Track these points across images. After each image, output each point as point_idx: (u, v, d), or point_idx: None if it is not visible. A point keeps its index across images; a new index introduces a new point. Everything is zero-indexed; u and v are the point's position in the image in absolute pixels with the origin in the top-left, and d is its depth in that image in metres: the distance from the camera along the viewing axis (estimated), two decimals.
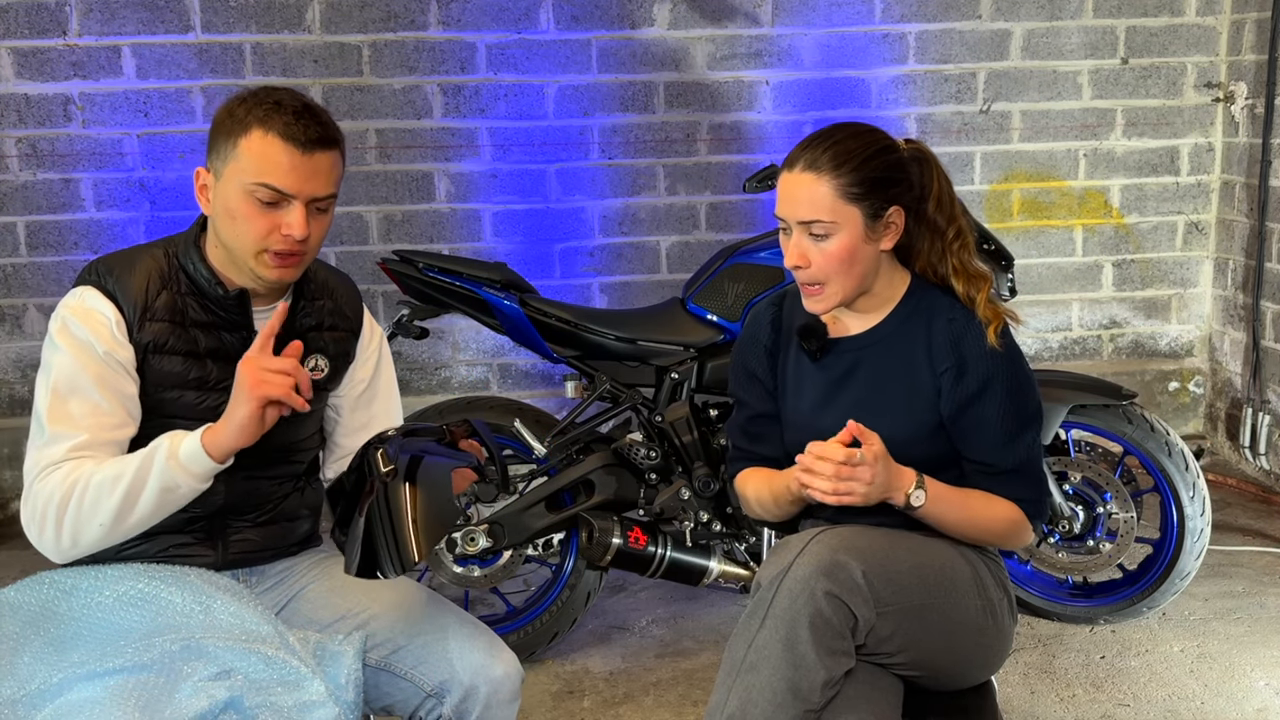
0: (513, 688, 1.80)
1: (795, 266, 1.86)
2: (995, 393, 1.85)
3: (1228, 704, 2.68)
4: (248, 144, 1.70)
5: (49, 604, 1.68)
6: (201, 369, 1.79)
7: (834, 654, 1.64)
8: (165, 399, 1.77)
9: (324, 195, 1.75)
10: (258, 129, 1.70)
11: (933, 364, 1.88)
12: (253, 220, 1.72)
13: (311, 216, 1.74)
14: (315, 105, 1.76)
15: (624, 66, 4.08)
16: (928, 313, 1.90)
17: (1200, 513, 2.93)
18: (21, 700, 1.53)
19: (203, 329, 1.80)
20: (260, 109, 1.71)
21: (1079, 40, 4.20)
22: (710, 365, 2.87)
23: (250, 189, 1.70)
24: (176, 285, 1.79)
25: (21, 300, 4.05)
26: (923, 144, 1.93)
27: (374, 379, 2.01)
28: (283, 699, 1.59)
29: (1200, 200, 4.38)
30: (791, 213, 1.84)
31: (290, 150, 1.69)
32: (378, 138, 4.05)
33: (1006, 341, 1.88)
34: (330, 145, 1.74)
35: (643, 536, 2.73)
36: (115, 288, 1.76)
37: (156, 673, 1.54)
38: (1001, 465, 1.87)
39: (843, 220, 1.82)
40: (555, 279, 4.18)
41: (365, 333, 2.00)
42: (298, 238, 1.72)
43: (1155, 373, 4.47)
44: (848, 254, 1.83)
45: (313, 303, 1.91)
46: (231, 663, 1.60)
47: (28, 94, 3.93)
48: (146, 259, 1.80)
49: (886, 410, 1.88)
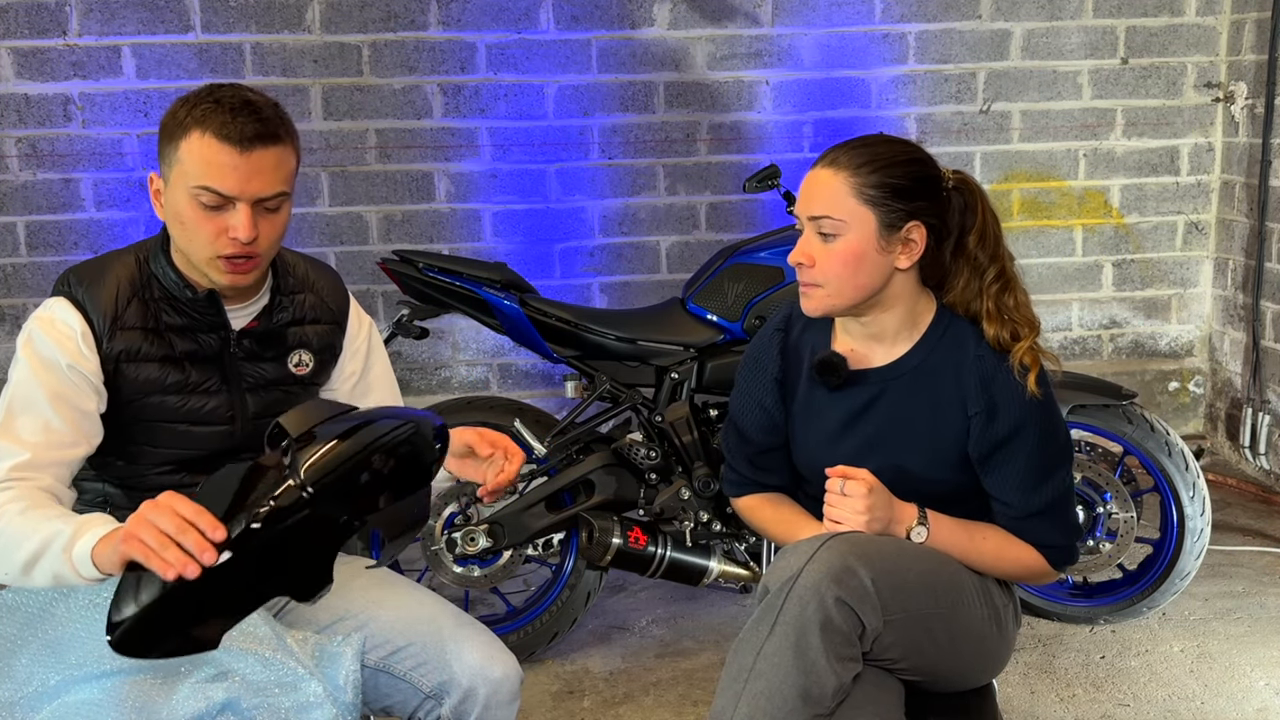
0: (511, 689, 1.79)
1: (798, 263, 1.82)
2: (1027, 438, 1.81)
3: (1228, 704, 2.68)
4: (187, 146, 1.65)
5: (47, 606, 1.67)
6: (180, 372, 1.78)
7: (843, 660, 1.63)
8: (146, 405, 1.76)
9: (270, 194, 1.69)
10: (195, 130, 1.65)
11: (964, 403, 1.83)
12: (200, 225, 1.68)
13: (260, 216, 1.69)
14: (258, 100, 1.69)
15: (624, 66, 4.08)
16: (956, 348, 1.85)
17: (1200, 513, 2.93)
18: (19, 703, 1.53)
19: (178, 333, 1.78)
20: (199, 109, 1.66)
21: (1079, 40, 4.20)
22: (710, 365, 2.87)
23: (193, 193, 1.66)
24: (148, 291, 1.77)
25: (21, 300, 4.05)
26: (971, 178, 1.87)
27: (365, 372, 1.99)
28: (280, 700, 1.59)
29: (1200, 200, 4.38)
30: (804, 207, 1.82)
31: (227, 149, 1.64)
32: (378, 138, 4.05)
33: (1045, 389, 1.82)
34: (272, 140, 1.67)
35: (643, 536, 2.73)
36: (85, 297, 1.74)
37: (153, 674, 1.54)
38: (1027, 508, 1.84)
39: (853, 221, 1.77)
40: (555, 279, 4.18)
41: (352, 325, 1.96)
42: (244, 240, 1.67)
43: (1155, 373, 4.47)
44: (853, 258, 1.78)
45: (291, 297, 1.89)
46: (229, 664, 1.60)
47: (28, 94, 3.93)
48: (117, 266, 1.78)
49: (908, 444, 1.85)
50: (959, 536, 1.83)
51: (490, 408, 2.94)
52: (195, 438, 1.80)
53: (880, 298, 1.84)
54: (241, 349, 1.83)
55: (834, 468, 1.78)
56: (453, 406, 2.95)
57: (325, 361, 1.93)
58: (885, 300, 1.85)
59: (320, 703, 1.61)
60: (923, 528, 1.80)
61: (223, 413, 1.81)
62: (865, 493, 1.75)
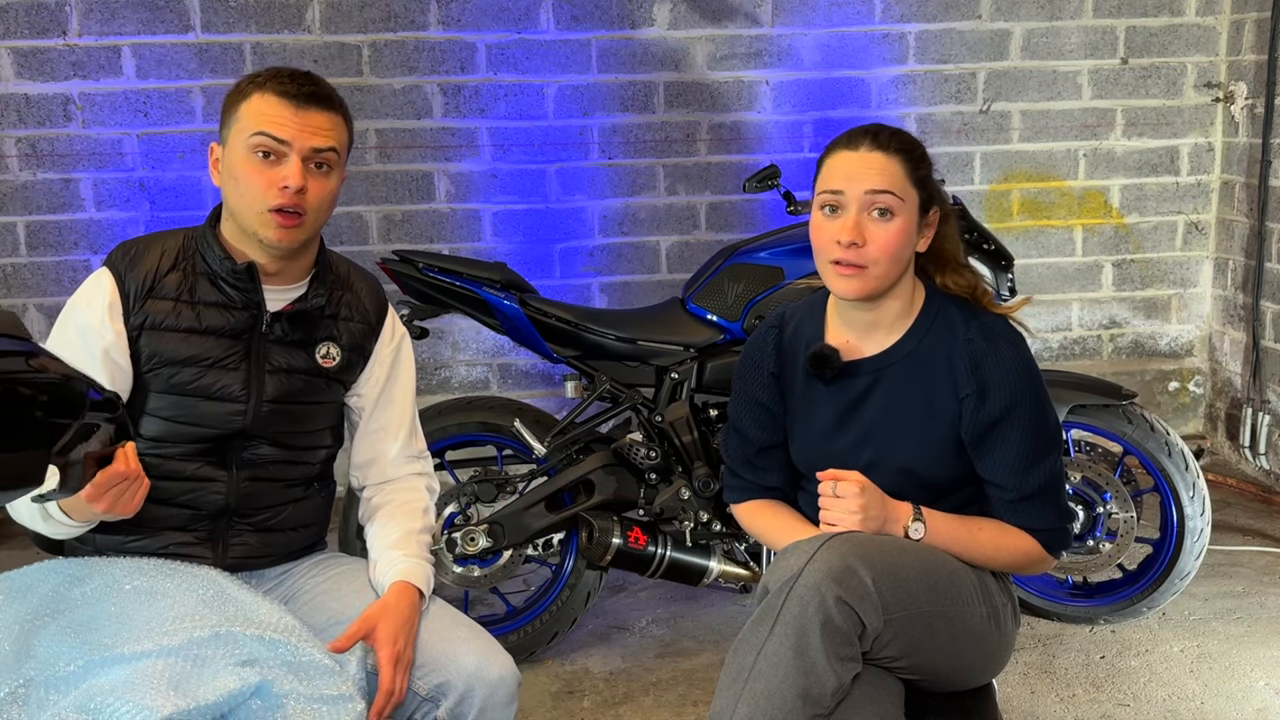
0: (509, 691, 1.79)
1: (850, 243, 1.80)
2: (1018, 419, 1.84)
3: (1228, 704, 2.68)
4: (247, 106, 1.78)
5: (61, 590, 1.68)
6: (200, 345, 1.81)
7: (844, 660, 1.64)
8: (159, 374, 1.80)
9: (322, 148, 1.78)
10: (256, 93, 1.78)
11: (955, 386, 1.86)
12: (253, 177, 1.76)
13: (310, 174, 1.78)
14: (316, 74, 1.83)
15: (624, 66, 4.08)
16: (945, 333, 1.89)
17: (1200, 513, 2.93)
18: (42, 681, 1.52)
19: (209, 307, 1.82)
20: (260, 77, 1.80)
21: (1079, 40, 4.20)
22: (710, 365, 2.87)
23: (249, 144, 1.76)
24: (190, 265, 1.83)
25: (21, 300, 4.05)
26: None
27: (389, 384, 2.01)
28: (311, 689, 1.59)
29: (1200, 200, 4.38)
30: (861, 183, 1.80)
31: (284, 103, 1.76)
32: (378, 138, 4.05)
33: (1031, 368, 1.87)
34: (326, 104, 1.80)
35: (643, 536, 2.73)
36: (126, 266, 1.81)
37: (183, 658, 1.54)
38: (1020, 491, 1.86)
39: (908, 201, 1.83)
40: (555, 279, 4.18)
41: (385, 332, 2.00)
42: (294, 188, 1.75)
43: (1155, 373, 4.47)
44: (905, 238, 1.83)
45: (330, 290, 1.92)
46: (259, 651, 1.59)
47: (28, 94, 3.93)
48: (168, 240, 1.86)
49: (904, 432, 1.88)
50: (956, 530, 1.85)
51: (490, 408, 2.94)
52: (202, 414, 1.81)
53: (899, 283, 1.88)
54: (272, 331, 1.85)
55: (824, 471, 1.82)
56: (453, 406, 2.95)
57: (354, 361, 1.95)
58: (899, 286, 1.89)
59: (350, 695, 1.61)
60: (919, 523, 1.82)
61: (236, 391, 1.83)
62: (857, 492, 1.77)
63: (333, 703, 1.60)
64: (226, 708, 1.52)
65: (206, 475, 1.83)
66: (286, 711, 1.56)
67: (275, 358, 1.86)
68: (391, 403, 2.01)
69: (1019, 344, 1.88)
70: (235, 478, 1.84)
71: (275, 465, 1.88)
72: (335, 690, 1.61)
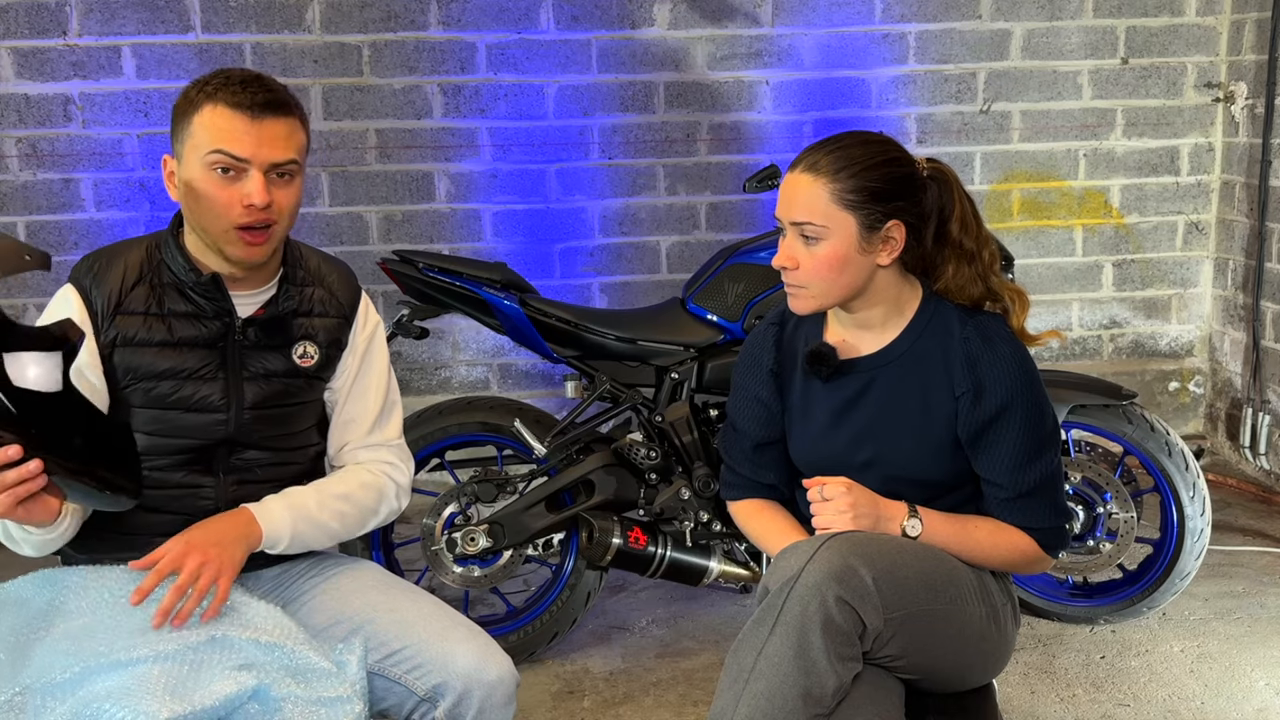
0: (507, 692, 1.78)
1: (783, 267, 1.85)
2: (1014, 417, 1.84)
3: (1228, 704, 2.68)
4: (200, 120, 1.71)
5: (56, 600, 1.67)
6: (176, 358, 1.78)
7: (844, 660, 1.64)
8: (136, 390, 1.77)
9: (282, 161, 1.73)
10: (207, 104, 1.71)
11: (951, 385, 1.86)
12: (214, 196, 1.71)
13: (273, 185, 1.73)
14: (266, 76, 1.75)
15: (624, 66, 4.08)
16: (942, 331, 1.89)
17: (1200, 513, 2.93)
18: (39, 689, 1.52)
19: (180, 319, 1.79)
20: (209, 85, 1.72)
21: (1079, 40, 4.20)
22: (710, 365, 2.87)
23: (207, 161, 1.70)
24: (156, 277, 1.79)
25: (21, 300, 4.05)
26: (944, 165, 1.91)
27: (361, 375, 1.97)
28: (309, 692, 1.59)
29: (1200, 200, 4.38)
30: (786, 212, 1.84)
31: (238, 115, 1.69)
32: (378, 138, 4.05)
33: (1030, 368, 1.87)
34: (282, 110, 1.73)
35: (643, 536, 2.73)
36: (92, 283, 1.78)
37: (180, 662, 1.54)
38: (1017, 489, 1.85)
39: (835, 226, 1.80)
40: (555, 279, 4.18)
41: (359, 319, 1.96)
42: (259, 205, 1.70)
43: (1155, 373, 4.47)
44: (837, 261, 1.81)
45: (300, 289, 1.89)
46: (256, 655, 1.59)
47: (28, 94, 3.93)
48: (129, 252, 1.82)
49: (901, 431, 1.88)
50: (952, 528, 1.85)
51: (490, 408, 2.94)
52: (184, 425, 1.79)
53: (865, 293, 1.88)
54: (246, 337, 1.83)
55: (809, 479, 1.83)
56: (453, 406, 2.95)
57: (331, 356, 1.92)
58: (870, 294, 1.88)
59: (348, 698, 1.61)
60: (916, 520, 1.82)
61: (216, 400, 1.81)
62: (844, 492, 1.79)
63: (331, 705, 1.60)
64: (224, 711, 1.52)
65: (193, 483, 1.82)
66: (285, 714, 1.56)
67: (252, 364, 1.83)
68: (364, 393, 1.97)
69: (1015, 342, 1.88)
70: (223, 483, 1.83)
71: (264, 468, 1.86)
72: (333, 692, 1.61)
